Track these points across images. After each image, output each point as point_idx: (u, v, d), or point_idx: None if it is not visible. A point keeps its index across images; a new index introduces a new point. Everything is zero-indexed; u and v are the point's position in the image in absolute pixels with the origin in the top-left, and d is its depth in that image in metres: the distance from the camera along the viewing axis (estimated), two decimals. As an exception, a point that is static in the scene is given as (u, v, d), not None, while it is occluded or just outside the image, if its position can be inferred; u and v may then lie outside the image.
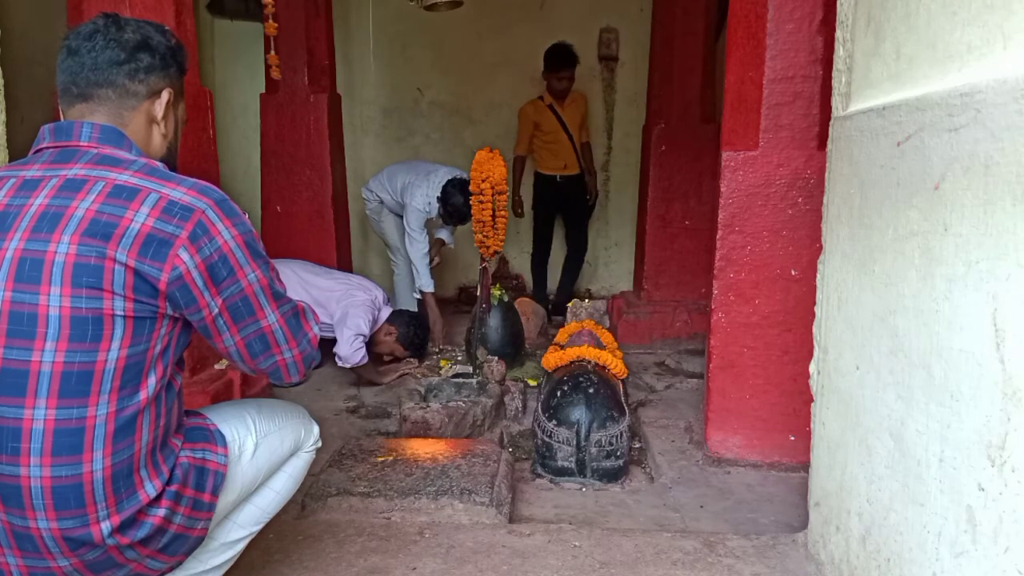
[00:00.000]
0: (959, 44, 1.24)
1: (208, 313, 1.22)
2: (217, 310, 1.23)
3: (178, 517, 1.25)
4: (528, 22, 5.62)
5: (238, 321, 1.26)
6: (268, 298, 1.29)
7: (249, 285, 1.25)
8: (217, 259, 1.20)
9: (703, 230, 4.17)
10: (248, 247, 1.25)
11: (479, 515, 2.11)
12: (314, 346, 1.41)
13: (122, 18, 1.31)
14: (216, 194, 1.23)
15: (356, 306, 3.61)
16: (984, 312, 1.13)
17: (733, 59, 2.59)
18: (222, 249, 1.20)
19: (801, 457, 2.33)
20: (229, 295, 1.23)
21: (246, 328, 1.28)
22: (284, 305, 1.33)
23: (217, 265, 1.20)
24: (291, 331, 1.34)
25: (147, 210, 1.16)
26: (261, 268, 1.27)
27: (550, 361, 3.17)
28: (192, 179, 1.24)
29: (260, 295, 1.27)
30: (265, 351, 1.32)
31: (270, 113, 4.41)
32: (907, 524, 1.37)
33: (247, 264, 1.24)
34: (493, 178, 3.40)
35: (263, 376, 3.04)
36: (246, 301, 1.26)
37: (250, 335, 1.29)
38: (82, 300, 1.12)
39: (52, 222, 1.14)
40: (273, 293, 1.30)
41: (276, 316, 1.31)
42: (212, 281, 1.20)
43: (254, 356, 1.32)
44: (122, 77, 1.28)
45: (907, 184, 1.37)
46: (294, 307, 1.36)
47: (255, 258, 1.26)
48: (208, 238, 1.19)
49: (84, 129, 1.25)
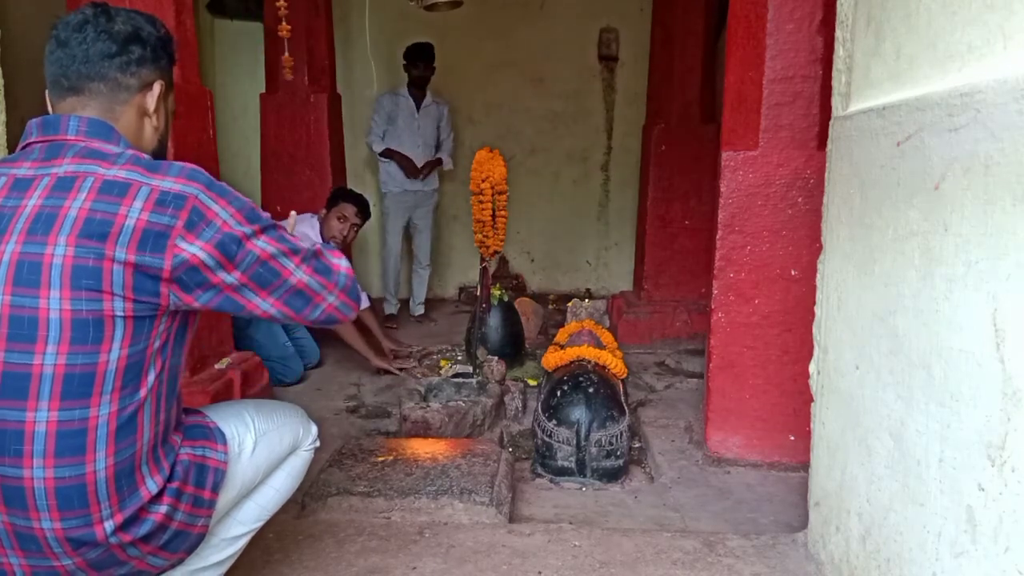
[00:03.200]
0: (959, 44, 1.24)
1: (226, 285, 1.21)
2: (236, 282, 1.22)
3: (179, 514, 1.25)
4: (528, 22, 5.62)
5: (266, 286, 1.26)
6: (287, 256, 1.28)
7: (263, 251, 1.24)
8: (223, 238, 1.19)
9: (703, 230, 4.18)
10: (248, 218, 1.24)
11: (479, 515, 2.11)
12: (351, 276, 1.39)
13: (112, 8, 1.29)
14: (204, 177, 1.22)
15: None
16: (984, 312, 1.13)
17: (733, 59, 2.59)
18: (223, 228, 1.20)
19: (801, 457, 2.33)
20: (247, 266, 1.22)
21: (278, 290, 1.27)
22: (306, 257, 1.31)
23: (225, 243, 1.19)
24: (323, 275, 1.33)
25: (140, 204, 1.15)
26: (268, 233, 1.26)
27: (550, 361, 3.17)
28: (178, 165, 1.22)
29: (278, 256, 1.26)
30: (308, 303, 1.32)
31: (270, 113, 4.41)
32: (907, 524, 1.37)
33: (253, 234, 1.24)
34: (493, 178, 3.40)
35: (263, 376, 3.07)
36: (266, 266, 1.25)
37: (285, 294, 1.28)
38: (82, 302, 1.12)
39: (47, 224, 1.13)
40: (291, 249, 1.29)
41: (302, 269, 1.30)
42: (226, 258, 1.20)
43: (299, 311, 1.31)
44: (114, 70, 1.26)
45: (907, 184, 1.37)
46: (314, 253, 1.34)
47: (259, 224, 1.25)
48: (206, 223, 1.18)
49: (71, 123, 1.23)
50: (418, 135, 4.89)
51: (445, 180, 5.65)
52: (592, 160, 5.87)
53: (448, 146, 5.07)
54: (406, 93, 4.86)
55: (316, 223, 3.87)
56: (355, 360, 3.85)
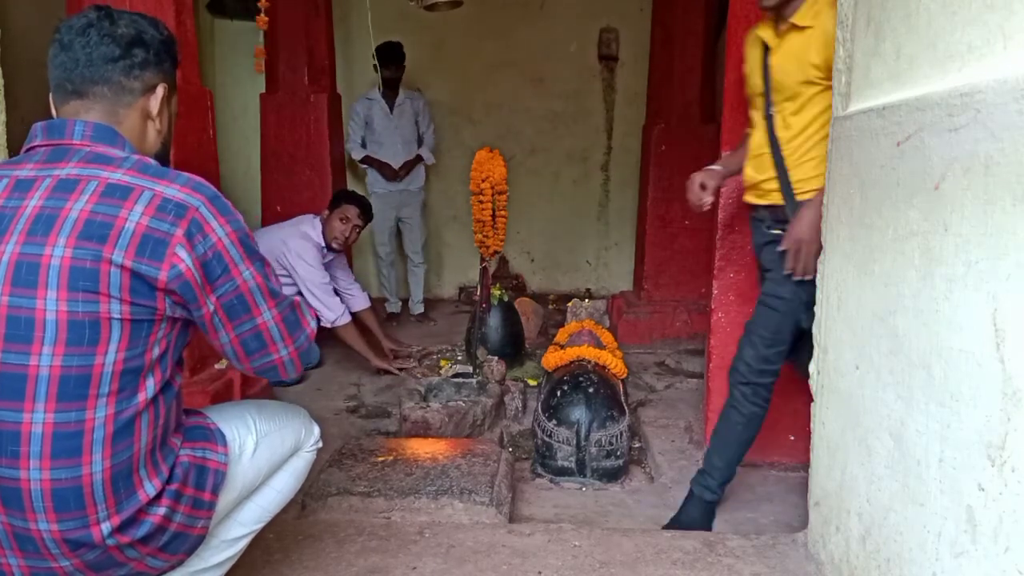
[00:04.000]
0: (959, 44, 1.24)
1: (206, 311, 1.22)
2: (212, 308, 1.22)
3: (178, 516, 1.24)
4: (528, 22, 5.62)
5: (233, 319, 1.25)
6: (264, 295, 1.28)
7: (244, 283, 1.24)
8: (211, 257, 1.19)
9: (703, 230, 4.17)
10: (242, 244, 1.24)
11: (479, 515, 2.11)
12: (311, 341, 1.39)
13: (115, 11, 1.29)
14: (209, 190, 1.22)
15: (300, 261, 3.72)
16: (984, 312, 1.13)
17: (733, 59, 2.59)
18: (216, 247, 1.20)
19: (801, 457, 2.32)
20: (224, 293, 1.22)
21: (241, 326, 1.27)
22: (281, 303, 1.32)
23: (211, 263, 1.19)
24: (287, 328, 1.33)
25: (141, 208, 1.15)
26: (255, 266, 1.26)
27: (550, 361, 3.17)
28: (185, 175, 1.23)
29: (256, 292, 1.27)
30: (261, 349, 1.31)
31: (270, 113, 4.41)
32: (907, 524, 1.37)
33: (241, 262, 1.24)
34: (493, 178, 3.40)
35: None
36: (241, 299, 1.25)
37: (245, 333, 1.28)
38: (78, 304, 1.12)
39: (47, 225, 1.13)
40: (269, 291, 1.29)
41: (272, 314, 1.30)
42: (207, 279, 1.20)
43: (249, 354, 1.31)
44: (117, 74, 1.26)
45: (907, 184, 1.37)
46: (291, 303, 1.35)
47: (249, 255, 1.25)
48: (202, 235, 1.18)
49: (76, 127, 1.23)
50: (396, 134, 4.90)
51: (444, 180, 5.66)
52: (592, 160, 5.87)
53: (429, 140, 5.07)
54: (378, 95, 4.87)
55: (318, 224, 3.88)
56: (355, 360, 3.85)
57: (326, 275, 3.77)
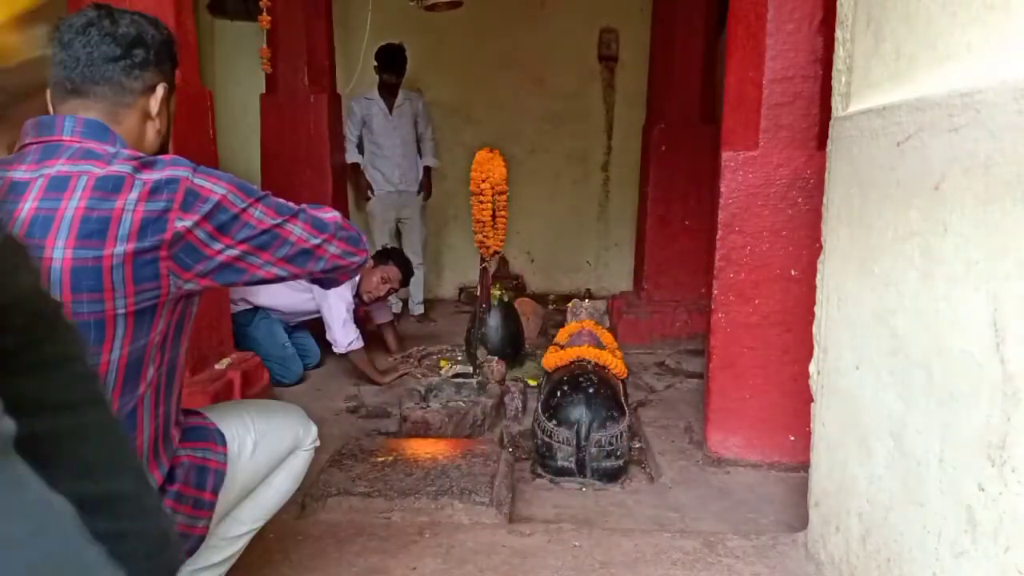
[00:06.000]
0: (959, 44, 1.24)
1: (226, 256, 1.23)
2: (237, 252, 1.23)
3: (179, 516, 1.25)
4: (528, 22, 5.62)
5: (268, 249, 1.27)
6: (284, 219, 1.29)
7: (260, 220, 1.26)
8: (218, 212, 1.20)
9: (703, 230, 4.17)
10: (241, 190, 1.25)
11: (479, 515, 2.11)
12: (346, 226, 1.41)
13: (115, 10, 1.29)
14: (189, 162, 1.24)
15: None
16: (984, 312, 1.13)
17: (733, 59, 2.59)
18: (220, 203, 1.21)
19: (801, 457, 2.32)
20: (246, 236, 1.24)
21: (279, 250, 1.29)
22: (299, 215, 1.33)
23: (220, 217, 1.21)
24: (320, 229, 1.35)
25: (136, 195, 1.15)
26: (263, 202, 1.27)
27: (550, 361, 3.17)
28: (162, 158, 1.24)
29: (276, 221, 1.28)
30: (311, 257, 1.34)
31: (270, 113, 4.41)
32: (907, 524, 1.37)
33: (250, 206, 1.25)
34: (493, 178, 3.40)
35: (263, 376, 3.07)
36: (267, 232, 1.26)
37: (289, 253, 1.30)
38: (83, 305, 1.12)
39: (44, 226, 1.13)
40: (286, 213, 1.30)
41: (299, 227, 1.32)
42: (220, 231, 1.21)
43: (304, 266, 1.33)
44: (118, 74, 1.26)
45: (907, 184, 1.37)
46: (305, 211, 1.36)
47: (253, 196, 1.26)
48: (202, 200, 1.19)
49: (67, 123, 1.23)
50: (395, 136, 4.89)
51: (445, 180, 5.65)
52: (592, 160, 5.87)
53: (429, 146, 5.08)
54: (377, 96, 4.86)
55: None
56: (354, 365, 3.84)
57: (352, 303, 3.68)
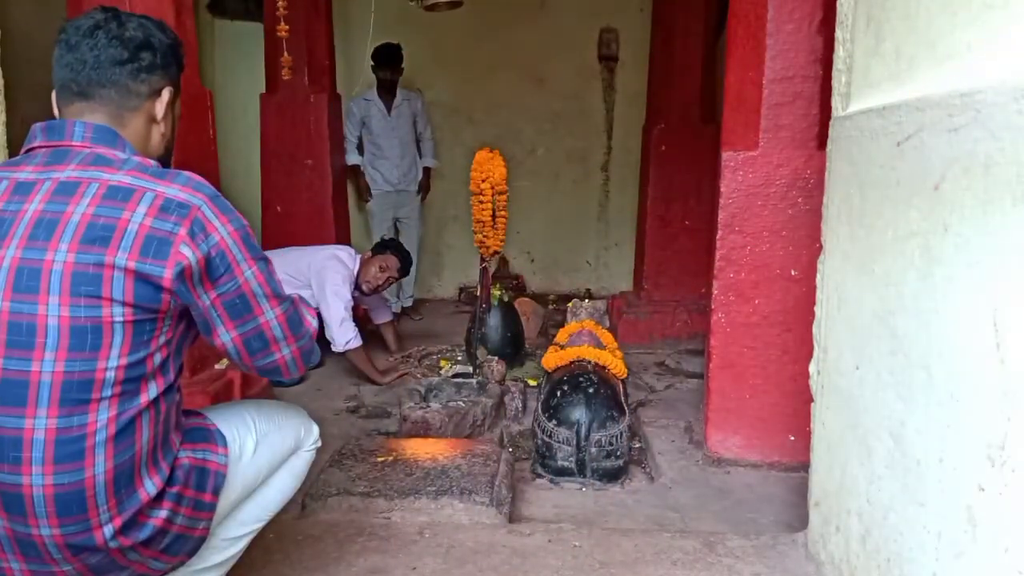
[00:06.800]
0: (959, 44, 1.24)
1: (203, 305, 1.21)
2: (209, 303, 1.21)
3: (180, 518, 1.24)
4: (528, 22, 5.62)
5: (235, 318, 1.25)
6: (267, 295, 1.27)
7: (246, 282, 1.24)
8: (215, 255, 1.19)
9: (703, 230, 4.17)
10: (244, 243, 1.24)
11: (479, 515, 2.11)
12: (313, 340, 1.40)
13: (122, 13, 1.28)
14: (209, 190, 1.22)
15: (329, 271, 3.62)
16: (984, 312, 1.13)
17: (733, 59, 2.59)
18: (219, 245, 1.19)
19: (801, 457, 2.32)
20: (225, 291, 1.22)
21: (244, 325, 1.26)
22: (283, 302, 1.31)
23: (214, 261, 1.19)
24: (290, 328, 1.33)
25: (144, 209, 1.15)
26: (258, 265, 1.26)
27: (550, 361, 3.17)
28: (185, 174, 1.22)
29: (258, 291, 1.26)
30: (264, 349, 1.30)
31: (270, 113, 4.41)
32: (907, 524, 1.37)
33: (244, 261, 1.23)
34: (493, 178, 3.41)
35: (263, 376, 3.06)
36: (243, 298, 1.24)
37: (248, 332, 1.27)
38: (80, 309, 1.11)
39: (48, 229, 1.13)
40: (272, 289, 1.28)
41: (275, 313, 1.29)
42: (208, 276, 1.19)
43: (252, 354, 1.30)
44: (124, 77, 1.26)
45: (907, 184, 1.37)
46: (292, 302, 1.34)
47: (252, 254, 1.25)
48: (205, 235, 1.18)
49: (76, 128, 1.22)
50: (394, 136, 4.91)
51: (444, 180, 5.65)
52: (592, 160, 5.87)
53: (429, 145, 5.10)
54: (375, 96, 4.87)
55: (357, 260, 3.84)
56: (354, 365, 3.84)
57: (351, 301, 3.68)
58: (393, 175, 4.94)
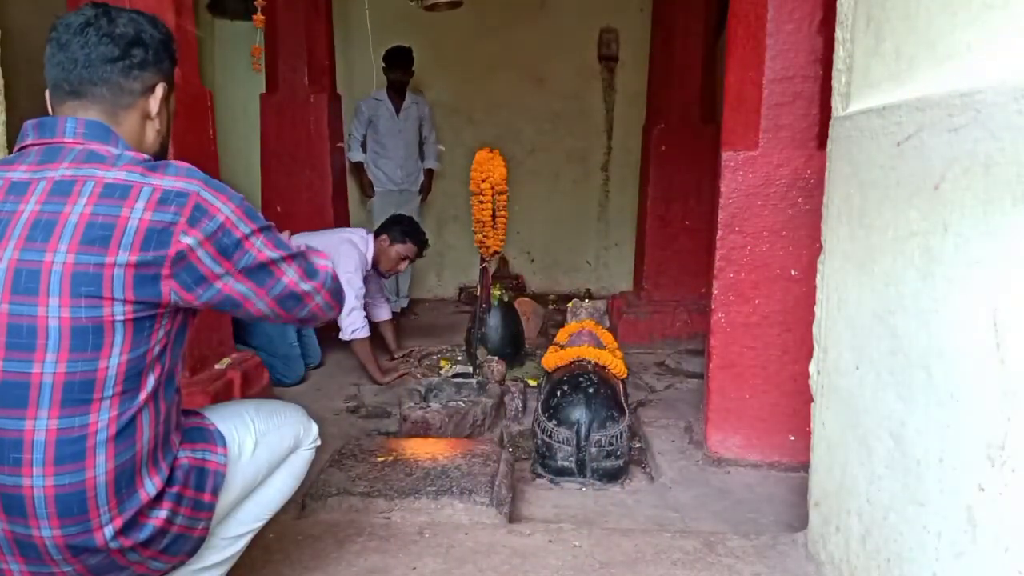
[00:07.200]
0: (959, 44, 1.24)
1: (225, 285, 1.23)
2: (234, 281, 1.23)
3: (179, 518, 1.24)
4: (528, 22, 5.63)
5: (261, 285, 1.27)
6: (281, 257, 1.30)
7: (259, 251, 1.25)
8: (222, 234, 1.20)
9: (703, 230, 4.17)
10: (247, 216, 1.25)
11: (479, 515, 2.11)
12: (335, 278, 1.42)
13: (113, 9, 1.27)
14: (200, 175, 1.23)
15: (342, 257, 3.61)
16: (984, 312, 1.13)
17: (733, 59, 2.59)
18: (225, 224, 1.20)
19: (801, 457, 2.33)
20: (245, 264, 1.24)
21: (273, 289, 1.29)
22: (296, 257, 1.33)
23: (223, 240, 1.20)
24: (311, 277, 1.35)
25: (143, 204, 1.15)
26: (265, 232, 1.27)
27: (550, 361, 3.17)
28: (174, 164, 1.23)
29: (274, 256, 1.28)
30: (298, 303, 1.34)
31: (270, 113, 4.41)
32: (907, 524, 1.37)
33: (252, 233, 1.25)
34: (493, 178, 3.40)
35: (263, 376, 3.06)
36: (262, 266, 1.26)
37: (280, 294, 1.30)
38: (81, 310, 1.11)
39: (46, 230, 1.12)
40: (284, 250, 1.31)
41: (294, 269, 1.32)
42: (222, 255, 1.21)
43: (289, 311, 1.34)
44: (116, 75, 1.25)
45: (907, 184, 1.37)
46: (303, 255, 1.36)
47: (257, 224, 1.26)
48: (208, 217, 1.19)
49: (68, 125, 1.22)
50: (400, 138, 4.95)
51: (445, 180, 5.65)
52: (592, 160, 5.87)
53: (432, 149, 5.15)
54: (385, 96, 4.91)
55: (371, 242, 3.83)
56: (356, 361, 3.85)
57: (363, 288, 3.70)
58: (396, 175, 4.98)
